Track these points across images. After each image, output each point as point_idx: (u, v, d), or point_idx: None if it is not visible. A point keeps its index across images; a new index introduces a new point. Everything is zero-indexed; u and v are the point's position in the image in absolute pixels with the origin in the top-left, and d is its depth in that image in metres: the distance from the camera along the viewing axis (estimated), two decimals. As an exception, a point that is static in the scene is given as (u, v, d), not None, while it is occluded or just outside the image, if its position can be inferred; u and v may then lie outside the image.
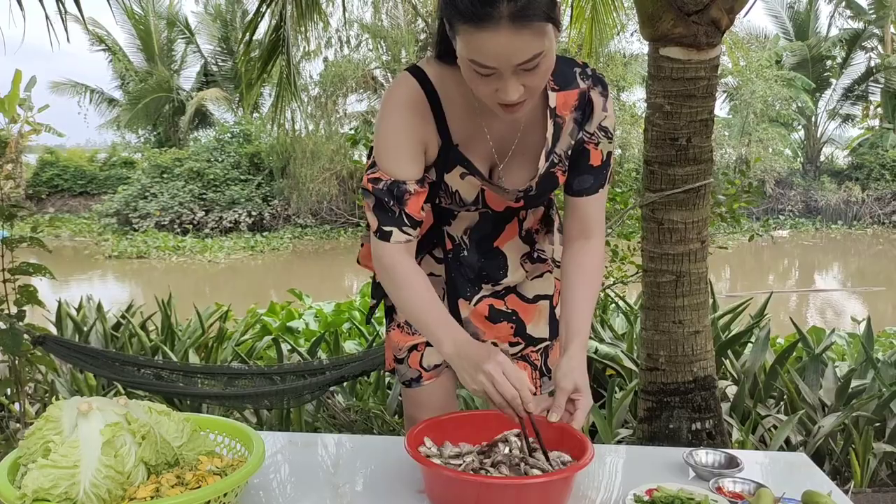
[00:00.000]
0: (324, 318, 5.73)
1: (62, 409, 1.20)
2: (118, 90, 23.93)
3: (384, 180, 1.46)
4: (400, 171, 1.45)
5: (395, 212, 1.46)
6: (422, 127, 1.46)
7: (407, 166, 1.46)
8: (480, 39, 1.23)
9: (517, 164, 1.54)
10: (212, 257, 16.99)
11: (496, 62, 1.25)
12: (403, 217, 1.47)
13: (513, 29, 1.21)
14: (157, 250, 17.39)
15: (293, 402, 3.29)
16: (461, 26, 1.24)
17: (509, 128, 1.50)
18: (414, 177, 1.46)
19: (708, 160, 2.73)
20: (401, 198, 1.46)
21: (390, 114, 1.46)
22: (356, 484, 1.48)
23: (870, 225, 21.65)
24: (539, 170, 1.51)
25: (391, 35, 19.15)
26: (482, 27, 1.21)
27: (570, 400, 1.41)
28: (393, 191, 1.45)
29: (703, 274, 2.81)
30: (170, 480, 1.18)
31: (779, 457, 1.73)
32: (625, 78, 19.47)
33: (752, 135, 20.85)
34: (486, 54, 1.24)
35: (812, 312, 10.83)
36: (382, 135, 1.47)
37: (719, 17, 2.56)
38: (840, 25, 23.62)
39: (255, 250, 17.93)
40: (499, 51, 1.23)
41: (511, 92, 1.29)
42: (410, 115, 1.45)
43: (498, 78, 1.28)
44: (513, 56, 1.24)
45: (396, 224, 1.47)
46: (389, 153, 1.46)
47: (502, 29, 1.21)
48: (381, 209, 1.47)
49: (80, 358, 3.27)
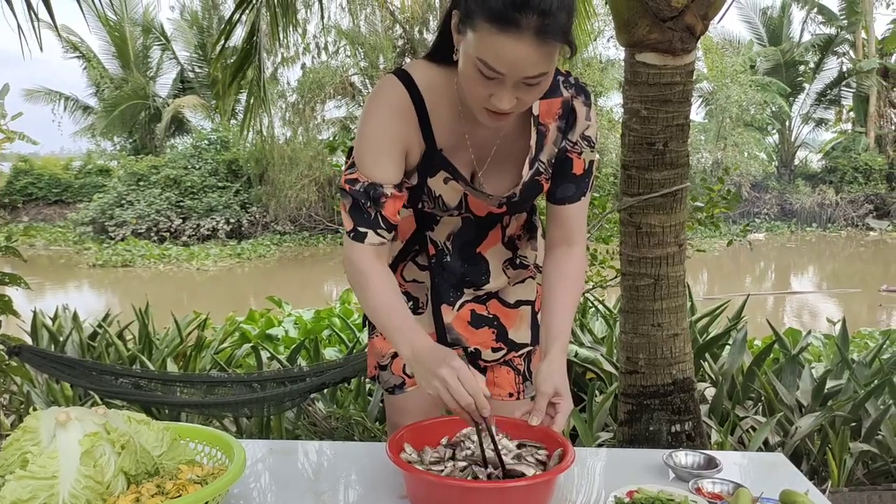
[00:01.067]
0: (303, 326, 5.70)
1: (40, 420, 1.18)
2: (93, 97, 23.71)
3: (362, 181, 1.46)
4: (378, 174, 1.45)
5: (370, 214, 1.46)
6: (404, 131, 1.45)
7: (386, 169, 1.45)
8: (500, 42, 1.22)
9: (499, 170, 1.55)
10: (199, 265, 16.87)
11: (506, 69, 1.25)
12: (379, 219, 1.47)
13: (535, 42, 1.22)
14: (142, 259, 17.25)
15: (273, 409, 3.27)
16: (483, 24, 1.23)
17: (489, 135, 1.50)
18: (392, 180, 1.46)
19: (685, 164, 2.76)
20: (377, 200, 1.45)
21: (373, 116, 1.46)
22: (338, 491, 1.48)
23: (844, 227, 21.96)
24: (523, 177, 1.52)
25: (369, 41, 19.15)
26: (506, 31, 1.21)
27: (550, 404, 1.41)
28: (370, 192, 1.45)
29: (680, 277, 2.84)
30: (150, 490, 1.17)
31: (757, 457, 1.75)
32: (602, 83, 19.60)
33: (728, 139, 21.07)
34: (500, 59, 1.24)
35: (788, 314, 10.95)
36: (363, 136, 1.46)
37: (694, 22, 2.58)
38: (812, 31, 24.04)
39: (241, 257, 17.84)
40: (514, 59, 1.24)
41: (505, 101, 1.30)
42: (393, 118, 1.44)
43: (498, 84, 1.28)
44: (524, 68, 1.25)
45: (371, 226, 1.47)
46: (369, 155, 1.46)
47: (525, 39, 1.21)
48: (357, 210, 1.47)
49: (57, 368, 3.23)
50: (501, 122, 1.38)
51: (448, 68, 1.45)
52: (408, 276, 1.72)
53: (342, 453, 1.69)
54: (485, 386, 1.33)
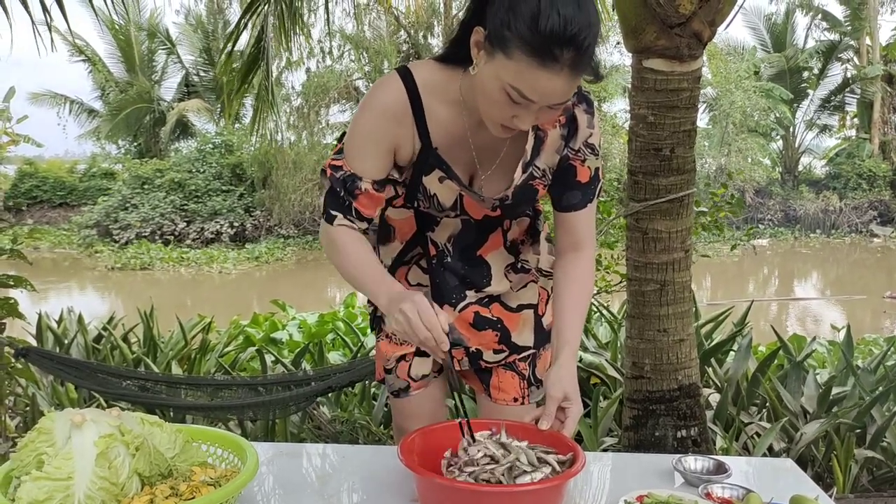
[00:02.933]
0: (307, 329, 5.71)
1: (55, 421, 1.19)
2: (98, 101, 23.78)
3: (344, 170, 1.51)
4: (359, 168, 1.50)
5: (344, 201, 1.52)
6: (394, 130, 1.48)
7: (367, 165, 1.49)
8: (537, 75, 1.25)
9: (498, 174, 1.55)
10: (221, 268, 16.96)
11: (539, 98, 1.28)
12: (351, 209, 1.52)
13: (569, 76, 1.25)
14: (160, 262, 17.32)
15: (279, 413, 3.27)
16: (520, 55, 1.24)
17: (495, 140, 1.51)
18: (371, 176, 1.50)
19: (691, 170, 2.77)
20: (352, 191, 1.50)
21: (365, 113, 1.49)
22: (347, 494, 1.48)
23: (847, 234, 21.92)
24: (514, 181, 1.53)
25: (374, 46, 19.18)
26: (546, 66, 1.23)
27: (560, 408, 1.42)
28: (346, 183, 1.50)
29: (686, 282, 2.84)
30: (164, 491, 1.18)
31: (766, 462, 1.75)
32: (605, 89, 19.61)
33: (732, 145, 21.06)
34: (535, 90, 1.26)
35: (792, 320, 10.94)
36: (353, 129, 1.51)
37: (701, 29, 2.59)
38: (817, 37, 24.03)
39: (259, 261, 17.92)
40: (548, 91, 1.27)
41: (528, 123, 1.34)
42: (385, 118, 1.47)
43: (524, 108, 1.31)
44: (555, 98, 1.29)
45: (342, 211, 1.53)
46: (354, 149, 1.50)
47: (563, 74, 1.24)
48: (332, 195, 1.53)
49: (64, 370, 3.24)
50: (513, 134, 1.42)
51: (451, 70, 1.47)
52: (412, 280, 1.73)
53: (350, 456, 1.69)
54: (445, 321, 1.37)
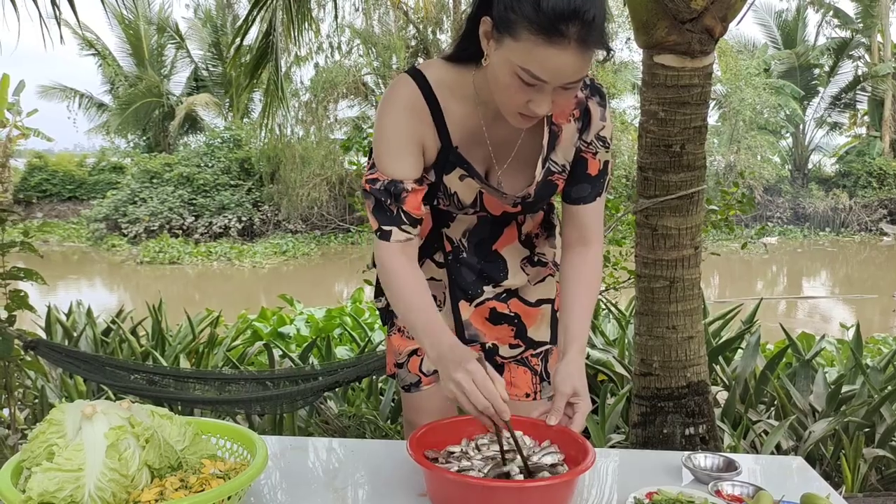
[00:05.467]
0: (315, 324, 5.72)
1: (65, 413, 1.19)
2: (107, 95, 23.83)
3: (381, 180, 1.48)
4: (397, 171, 1.47)
5: (392, 211, 1.49)
6: (419, 128, 1.47)
7: (404, 165, 1.48)
8: (546, 53, 1.24)
9: (514, 169, 1.55)
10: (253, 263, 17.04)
11: (550, 77, 1.27)
12: (402, 215, 1.49)
13: (578, 51, 1.24)
14: (189, 256, 17.46)
15: (286, 407, 3.28)
16: (527, 35, 1.24)
17: (510, 134, 1.51)
18: (411, 176, 1.48)
19: (701, 167, 2.76)
20: (398, 196, 1.48)
21: (387, 114, 1.48)
22: (356, 488, 1.48)
23: (857, 232, 21.81)
24: (536, 177, 1.52)
25: (382, 41, 19.17)
26: (553, 42, 1.23)
27: (568, 404, 1.42)
28: (390, 190, 1.47)
29: (696, 280, 2.83)
30: (174, 484, 1.18)
31: (776, 461, 1.75)
32: (615, 85, 19.55)
33: (741, 142, 20.97)
34: (545, 68, 1.26)
35: (801, 319, 10.89)
36: (380, 135, 1.49)
37: (713, 25, 2.58)
38: (828, 34, 23.90)
39: (286, 255, 17.99)
40: (559, 68, 1.26)
41: (544, 106, 1.32)
42: (407, 115, 1.46)
43: (538, 91, 1.30)
44: (567, 76, 1.27)
45: (395, 223, 1.49)
46: (386, 153, 1.48)
47: (570, 49, 1.24)
48: (380, 209, 1.49)
49: (72, 362, 3.25)
50: (531, 124, 1.41)
51: (462, 67, 1.47)
52: (426, 275, 1.73)
53: (359, 450, 1.69)
54: (504, 390, 1.33)
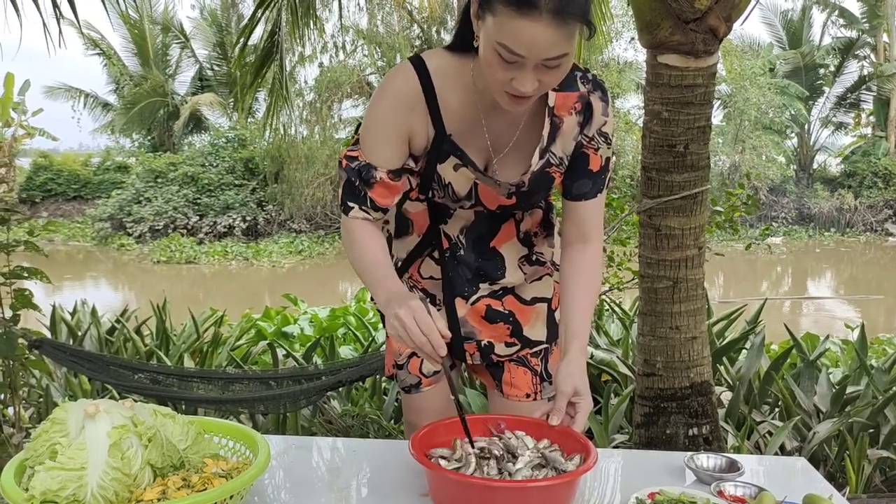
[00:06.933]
0: (319, 324, 5.72)
1: (68, 412, 1.20)
2: (112, 94, 23.89)
3: (359, 161, 1.52)
4: (374, 157, 1.50)
5: (360, 192, 1.52)
6: (408, 118, 1.49)
7: (383, 153, 1.50)
8: (518, 26, 1.24)
9: (512, 160, 1.55)
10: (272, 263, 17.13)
11: (526, 52, 1.27)
12: (367, 199, 1.53)
13: (552, 23, 1.24)
14: (206, 256, 17.55)
15: (290, 407, 3.28)
16: (501, 8, 1.25)
17: (508, 124, 1.51)
18: (387, 165, 1.51)
19: (705, 167, 2.75)
20: (367, 181, 1.51)
21: (379, 102, 1.51)
22: (359, 487, 1.49)
23: (862, 232, 21.74)
24: (532, 166, 1.52)
25: (386, 41, 19.16)
26: (524, 14, 1.23)
27: (570, 403, 1.42)
28: (362, 172, 1.51)
29: (699, 280, 2.83)
30: (176, 483, 1.18)
31: (779, 461, 1.74)
32: (619, 85, 19.53)
33: (746, 142, 20.91)
34: (519, 42, 1.26)
35: (805, 319, 10.87)
36: (368, 119, 1.52)
37: (717, 24, 2.57)
38: (833, 34, 23.80)
39: (302, 255, 18.07)
40: (533, 41, 1.26)
41: (527, 84, 1.32)
42: (397, 107, 1.48)
43: (519, 68, 1.30)
44: (543, 50, 1.27)
45: (358, 202, 1.53)
46: (370, 138, 1.51)
47: (543, 20, 1.23)
48: (349, 186, 1.54)
49: (77, 362, 3.26)
50: (523, 106, 1.41)
51: (464, 56, 1.48)
52: (425, 273, 1.72)
53: (362, 450, 1.69)
54: (445, 328, 1.36)
